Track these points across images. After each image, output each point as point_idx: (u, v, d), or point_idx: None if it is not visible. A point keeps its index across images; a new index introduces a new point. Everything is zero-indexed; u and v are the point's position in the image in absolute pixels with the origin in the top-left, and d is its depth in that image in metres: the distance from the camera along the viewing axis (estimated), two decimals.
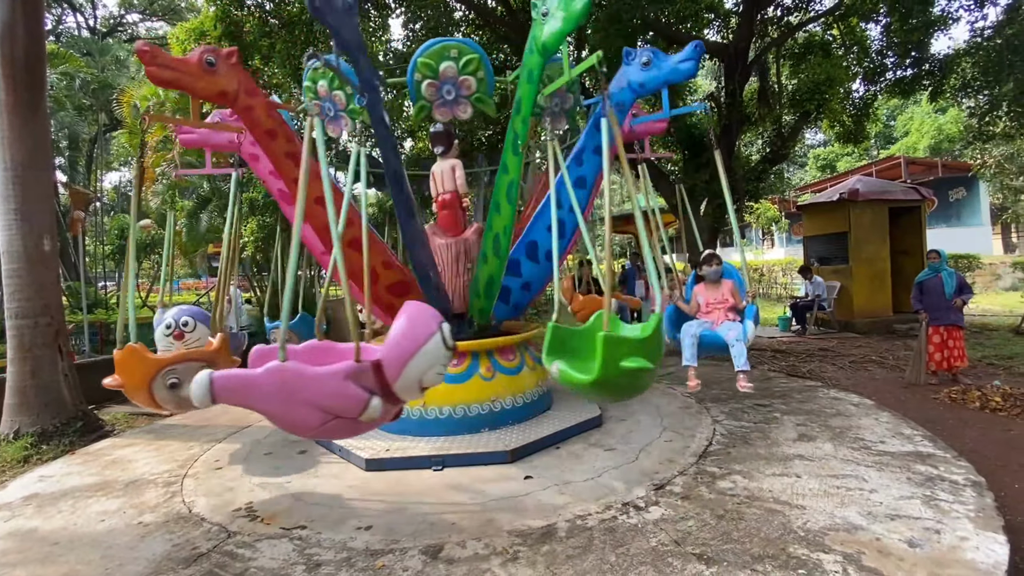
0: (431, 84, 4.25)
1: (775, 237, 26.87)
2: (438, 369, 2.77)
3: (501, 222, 4.36)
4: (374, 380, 2.74)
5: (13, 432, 5.18)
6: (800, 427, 4.45)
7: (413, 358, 2.72)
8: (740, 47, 8.54)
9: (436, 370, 2.77)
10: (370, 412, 2.69)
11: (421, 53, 4.23)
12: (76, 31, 20.48)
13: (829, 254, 10.43)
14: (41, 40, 5.86)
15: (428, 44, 4.27)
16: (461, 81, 4.28)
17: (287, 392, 2.67)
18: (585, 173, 4.56)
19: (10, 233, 5.30)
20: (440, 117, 4.45)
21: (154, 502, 3.64)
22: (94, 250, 15.58)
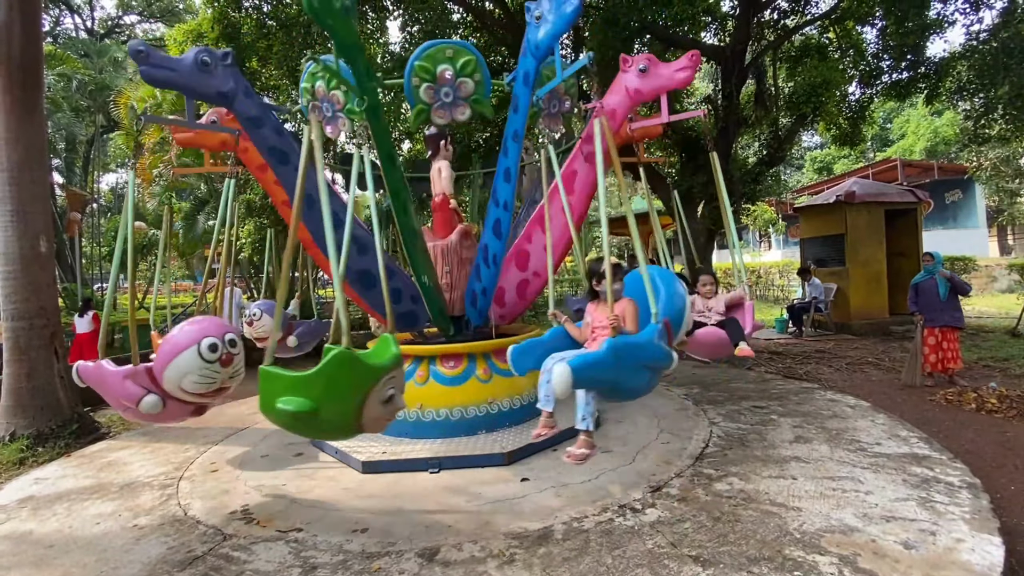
0: (429, 87, 4.26)
1: (772, 239, 26.96)
2: (195, 377, 3.49)
3: None
4: (148, 380, 3.58)
5: (8, 434, 5.16)
6: (797, 429, 4.46)
7: (168, 366, 3.48)
8: (737, 50, 8.57)
9: (192, 377, 3.49)
10: (144, 406, 3.52)
11: (418, 56, 4.23)
12: (74, 32, 20.46)
13: (826, 256, 10.46)
14: (38, 41, 5.85)
15: (424, 47, 4.27)
16: (459, 84, 4.28)
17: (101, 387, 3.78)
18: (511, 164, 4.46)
19: (6, 234, 5.28)
20: (439, 120, 4.45)
21: (149, 505, 3.63)
22: (90, 251, 15.53)
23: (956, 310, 5.87)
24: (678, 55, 10.04)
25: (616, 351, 2.88)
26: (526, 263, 4.96)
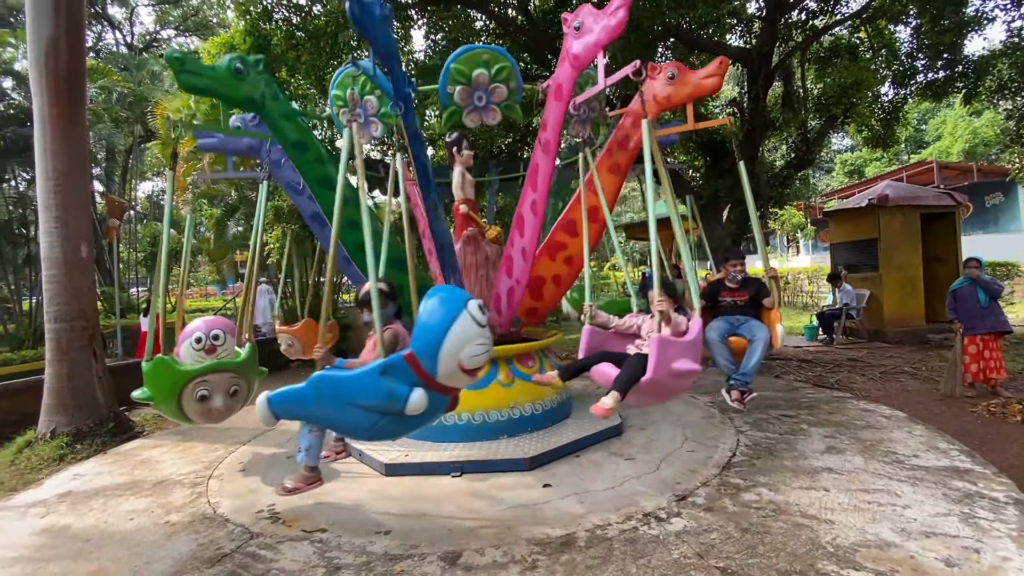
0: (464, 90, 4.30)
1: (800, 244, 26.31)
2: (473, 349, 2.66)
3: None
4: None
5: (50, 431, 5.35)
6: (828, 439, 4.32)
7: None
8: (763, 52, 8.43)
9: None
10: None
11: (454, 59, 4.29)
12: (115, 47, 21.37)
13: (857, 261, 10.14)
14: (83, 56, 6.13)
15: (461, 50, 4.33)
16: (493, 88, 4.32)
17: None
18: None
19: (50, 240, 5.51)
20: (470, 123, 4.50)
21: (180, 502, 3.73)
22: (127, 257, 16.12)
23: (999, 315, 5.61)
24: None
25: (317, 386, 2.76)
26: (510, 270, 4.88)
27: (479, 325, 2.66)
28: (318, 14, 7.48)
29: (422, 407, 2.66)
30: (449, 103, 4.38)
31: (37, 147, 5.56)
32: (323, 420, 2.98)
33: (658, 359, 3.13)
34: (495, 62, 4.30)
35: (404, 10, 8.42)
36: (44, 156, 5.53)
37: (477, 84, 4.32)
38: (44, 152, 5.53)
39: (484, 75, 4.29)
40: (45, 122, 5.55)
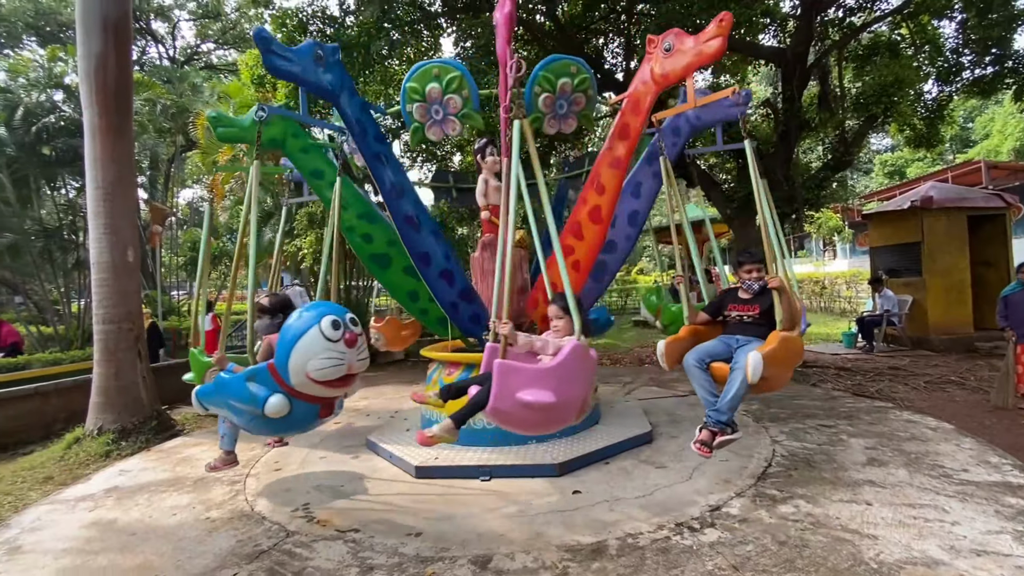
0: (549, 97, 4.39)
1: (837, 248, 25.47)
2: (318, 363, 2.96)
3: None
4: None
5: (97, 428, 5.60)
6: (870, 451, 4.16)
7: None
8: (798, 51, 8.21)
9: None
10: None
11: (542, 67, 4.44)
12: (158, 60, 22.37)
13: (899, 265, 9.75)
14: (129, 71, 6.42)
15: (550, 59, 4.44)
16: (575, 98, 4.40)
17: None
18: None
19: (100, 246, 5.79)
20: (549, 130, 4.58)
21: (220, 499, 3.85)
22: (169, 261, 16.79)
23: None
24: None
25: (216, 385, 3.30)
26: None
27: (328, 340, 2.96)
28: (351, 25, 7.66)
29: (281, 411, 3.04)
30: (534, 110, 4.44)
31: (87, 157, 5.85)
32: (225, 413, 3.48)
33: (497, 387, 2.74)
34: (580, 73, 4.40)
35: (434, 19, 8.54)
36: (94, 166, 5.82)
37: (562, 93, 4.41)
38: (94, 162, 5.82)
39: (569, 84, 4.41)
40: (95, 133, 5.83)
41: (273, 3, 8.21)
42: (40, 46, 16.79)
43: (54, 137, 11.58)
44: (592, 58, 9.22)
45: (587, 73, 4.40)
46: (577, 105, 4.49)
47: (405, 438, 4.76)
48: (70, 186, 13.73)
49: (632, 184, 4.79)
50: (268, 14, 8.68)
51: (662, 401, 6.04)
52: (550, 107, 4.44)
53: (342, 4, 7.98)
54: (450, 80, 4.34)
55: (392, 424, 5.38)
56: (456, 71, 4.38)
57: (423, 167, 12.20)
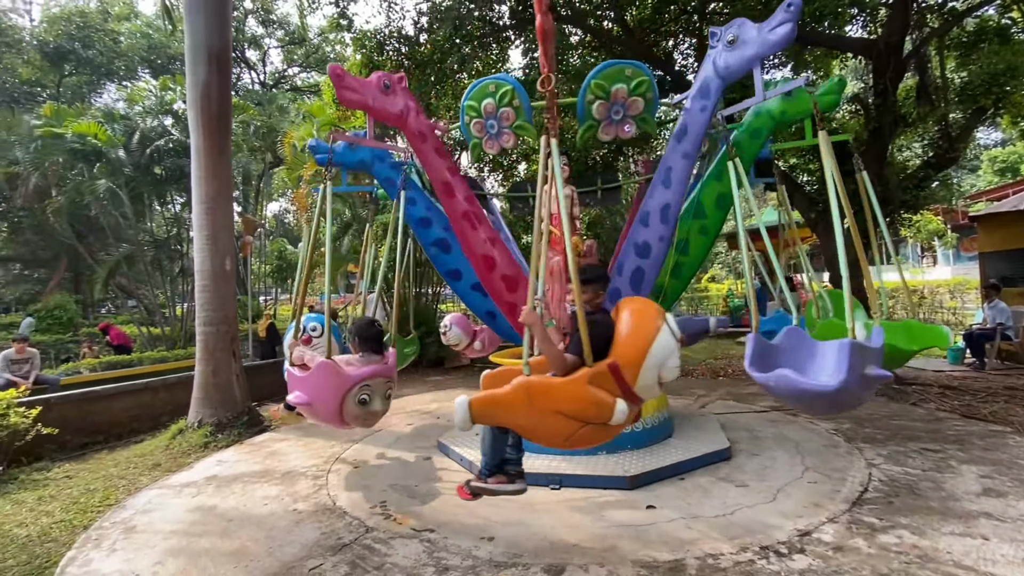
0: (602, 104, 4.37)
1: (938, 253, 23.14)
2: (673, 361, 2.72)
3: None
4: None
5: (197, 421, 6.14)
6: (985, 479, 3.72)
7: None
8: (892, 42, 7.58)
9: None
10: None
11: (595, 75, 4.38)
12: (250, 85, 24.46)
13: (1015, 273, 8.69)
14: (229, 97, 7.06)
15: (603, 66, 4.41)
16: (630, 102, 4.34)
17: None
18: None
19: (203, 255, 6.38)
20: (605, 136, 4.54)
21: (305, 492, 4.09)
22: (257, 269, 18.17)
23: None
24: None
25: None
26: None
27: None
28: (424, 43, 7.99)
29: None
30: (586, 117, 4.44)
31: (193, 175, 6.48)
32: None
33: None
34: (635, 76, 4.34)
35: (503, 31, 8.72)
36: (199, 183, 6.43)
37: (616, 99, 4.36)
38: (199, 180, 6.43)
39: (623, 89, 4.31)
40: (200, 154, 6.45)
41: (353, 26, 8.72)
42: (153, 77, 18.87)
43: (164, 158, 12.94)
44: (662, 60, 9.03)
45: (645, 76, 4.24)
46: (634, 109, 4.36)
47: (475, 441, 4.83)
48: (176, 201, 15.27)
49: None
50: (349, 37, 9.24)
51: (740, 417, 5.74)
52: (604, 114, 4.36)
53: (416, 23, 8.35)
54: (503, 94, 4.41)
55: None
56: (508, 85, 4.43)
57: (490, 176, 12.44)
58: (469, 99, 4.56)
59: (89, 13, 20.69)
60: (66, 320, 15.73)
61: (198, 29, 6.45)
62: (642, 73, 4.31)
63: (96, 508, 4.04)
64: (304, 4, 9.15)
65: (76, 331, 15.25)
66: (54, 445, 5.48)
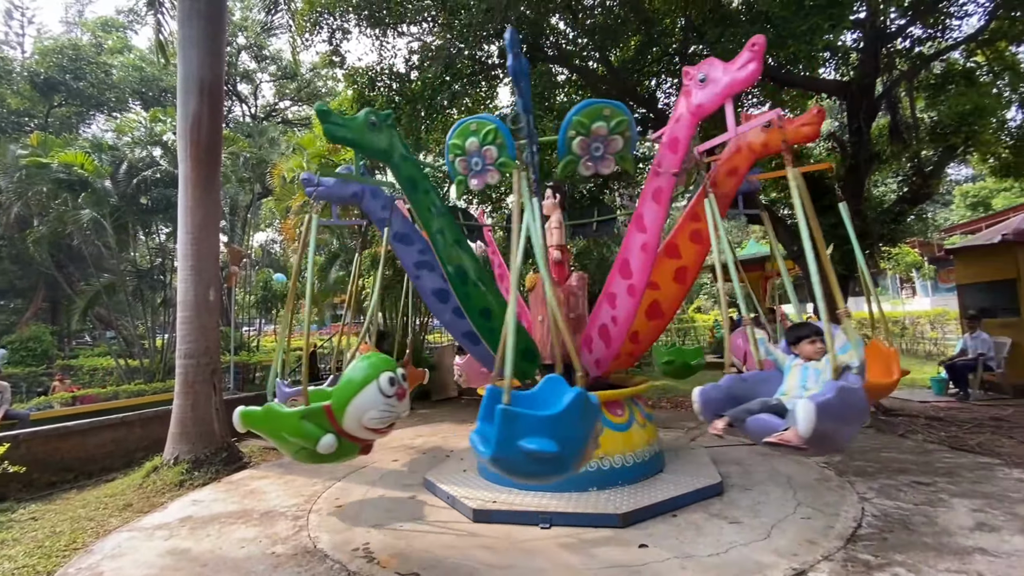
0: (583, 140, 4.47)
1: (917, 285, 23.67)
2: (373, 413, 3.49)
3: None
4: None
5: (173, 458, 5.91)
6: (977, 513, 3.70)
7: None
8: (864, 83, 7.94)
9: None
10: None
11: (576, 112, 4.51)
12: (241, 117, 24.69)
13: (992, 304, 8.89)
14: (220, 129, 7.10)
15: (584, 104, 4.57)
16: (610, 140, 4.46)
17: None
18: None
19: (186, 285, 6.28)
20: (585, 172, 4.63)
21: (284, 534, 3.92)
22: (241, 299, 17.93)
23: None
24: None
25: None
26: None
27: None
28: (415, 79, 8.17)
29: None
30: (567, 152, 4.53)
31: (180, 206, 6.44)
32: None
33: None
34: (615, 116, 4.48)
35: (491, 70, 8.97)
36: (186, 213, 6.38)
37: (596, 135, 4.48)
38: (186, 210, 6.38)
39: (603, 127, 4.43)
40: (188, 184, 6.42)
41: (345, 63, 8.90)
42: (144, 109, 18.97)
43: (151, 188, 12.88)
44: (645, 99, 9.31)
45: (623, 116, 4.39)
46: (613, 147, 4.49)
47: (463, 479, 4.71)
48: (161, 231, 15.13)
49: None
50: (341, 73, 9.42)
51: (731, 450, 5.68)
52: (585, 150, 4.47)
53: (408, 61, 8.56)
54: (487, 133, 4.50)
55: (449, 464, 5.35)
56: (491, 124, 4.54)
57: (478, 208, 12.57)
58: (453, 138, 4.66)
59: (82, 46, 20.88)
60: (40, 352, 15.26)
61: (191, 62, 6.53)
62: (621, 113, 4.45)
63: (62, 552, 3.83)
64: (297, 42, 9.34)
65: (51, 363, 14.78)
66: (20, 484, 5.22)
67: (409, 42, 8.69)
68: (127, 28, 23.65)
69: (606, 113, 4.44)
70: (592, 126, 4.41)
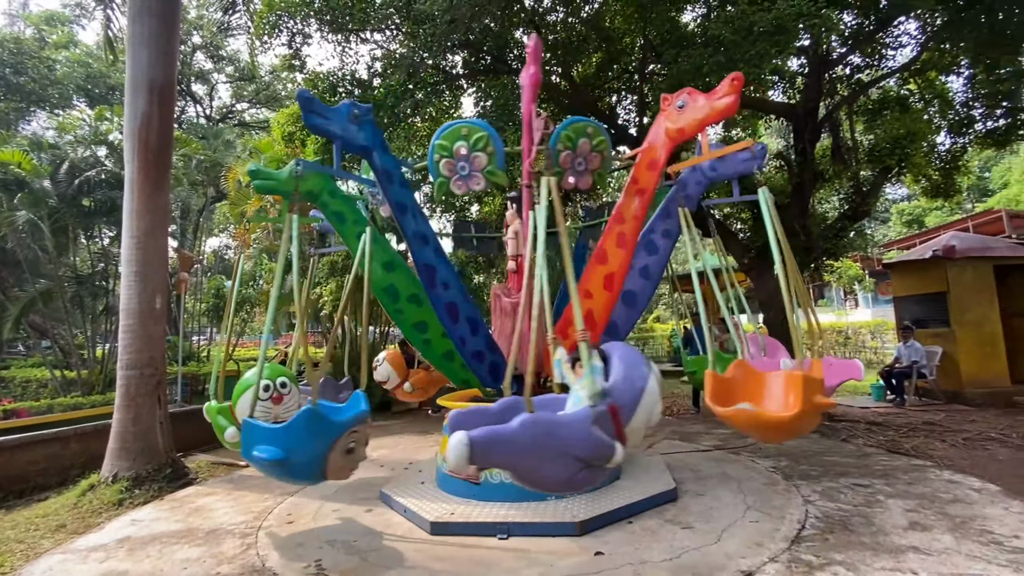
0: (568, 155, 4.60)
1: (859, 297, 25.05)
2: (659, 408, 2.97)
3: None
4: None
5: (112, 475, 5.56)
6: (911, 513, 3.93)
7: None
8: (809, 107, 8.43)
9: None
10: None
11: (564, 127, 4.67)
12: (195, 118, 23.78)
13: (925, 316, 9.52)
14: (171, 130, 6.83)
15: (571, 120, 4.74)
16: (591, 157, 4.60)
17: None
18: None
19: (129, 292, 5.96)
20: (566, 186, 4.78)
21: (231, 553, 3.75)
22: (192, 307, 17.16)
23: None
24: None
25: None
26: None
27: None
28: (378, 86, 8.11)
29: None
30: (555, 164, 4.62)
31: (125, 209, 6.13)
32: None
33: None
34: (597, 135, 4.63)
35: (455, 80, 9.01)
36: (131, 217, 6.08)
37: (581, 152, 4.62)
38: (131, 213, 6.08)
39: (587, 144, 4.63)
40: (134, 186, 6.13)
41: (306, 68, 8.75)
42: (89, 107, 18.02)
43: (94, 189, 12.20)
44: (605, 114, 9.56)
45: (603, 136, 4.62)
46: (593, 163, 4.68)
47: (420, 491, 4.64)
48: (105, 235, 14.33)
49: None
50: (301, 77, 9.25)
51: (686, 456, 5.83)
52: (569, 164, 4.62)
53: (370, 68, 8.49)
54: (477, 139, 4.56)
55: (407, 476, 5.26)
56: (483, 131, 4.60)
57: (442, 217, 12.53)
58: (441, 139, 4.67)
59: (24, 40, 19.72)
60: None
61: (141, 61, 6.27)
62: (601, 132, 4.66)
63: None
64: (255, 44, 9.12)
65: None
66: None
67: (372, 49, 8.64)
68: (73, 23, 22.48)
69: (589, 131, 4.62)
70: (578, 141, 4.58)
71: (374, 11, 7.76)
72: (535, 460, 2.74)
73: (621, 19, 8.81)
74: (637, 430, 2.88)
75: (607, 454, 2.73)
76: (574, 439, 2.71)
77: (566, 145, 4.56)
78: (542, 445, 2.69)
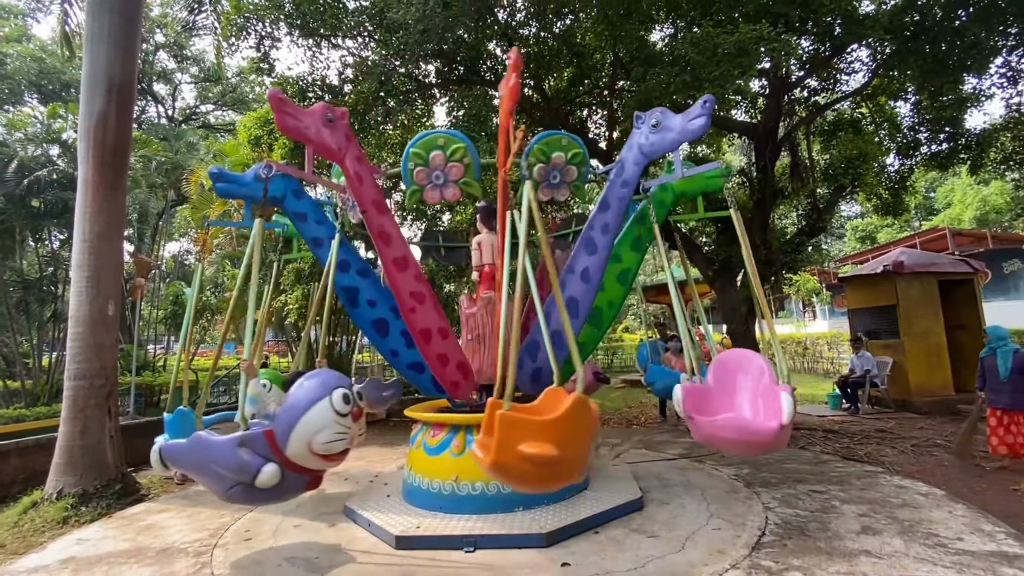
0: (542, 168, 4.64)
1: (816, 309, 26.05)
2: (327, 435, 3.04)
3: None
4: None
5: (56, 492, 5.26)
6: (863, 518, 4.08)
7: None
8: (769, 126, 8.78)
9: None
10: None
11: (538, 140, 4.75)
12: (156, 119, 22.97)
13: (877, 327, 9.98)
14: (129, 130, 6.58)
15: (546, 133, 4.82)
16: (568, 170, 4.65)
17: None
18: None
19: (80, 299, 5.69)
20: (543, 197, 4.79)
21: (183, 573, 3.58)
22: (148, 315, 16.45)
23: (1020, 392, 5.35)
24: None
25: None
26: None
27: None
28: (348, 92, 8.03)
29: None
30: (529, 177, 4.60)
31: (78, 211, 5.87)
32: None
33: None
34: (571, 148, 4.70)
35: (428, 88, 9.00)
36: (83, 219, 5.82)
37: (555, 164, 4.68)
38: (84, 215, 5.82)
39: (561, 158, 4.69)
40: (88, 187, 5.88)
41: (275, 71, 8.58)
42: (42, 103, 17.19)
43: (45, 190, 11.62)
44: (576, 128, 9.72)
45: (579, 149, 4.71)
46: (569, 176, 4.77)
47: (386, 504, 4.55)
48: (55, 237, 13.64)
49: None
50: (269, 81, 9.07)
51: (652, 465, 5.91)
52: (543, 176, 4.68)
53: (341, 74, 8.40)
54: (454, 150, 4.56)
55: (372, 489, 5.15)
56: (461, 142, 4.61)
57: (412, 225, 12.43)
58: (416, 147, 4.64)
59: None
60: None
61: (99, 58, 6.05)
62: (577, 146, 4.73)
63: None
64: (222, 45, 8.91)
65: None
66: None
67: (343, 55, 8.54)
68: (28, 16, 21.48)
69: (564, 143, 4.70)
70: (552, 155, 4.64)
71: (346, 17, 7.70)
72: (199, 471, 3.33)
73: (592, 36, 9.00)
74: (300, 454, 3.10)
75: (250, 472, 3.03)
76: (219, 457, 3.12)
77: (539, 158, 4.63)
78: (200, 460, 3.23)
